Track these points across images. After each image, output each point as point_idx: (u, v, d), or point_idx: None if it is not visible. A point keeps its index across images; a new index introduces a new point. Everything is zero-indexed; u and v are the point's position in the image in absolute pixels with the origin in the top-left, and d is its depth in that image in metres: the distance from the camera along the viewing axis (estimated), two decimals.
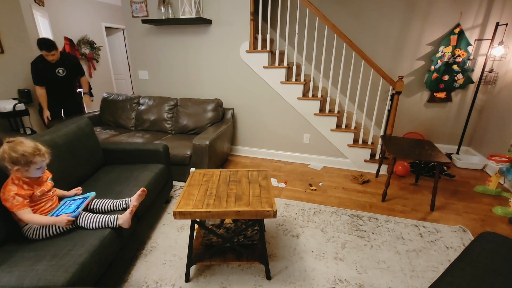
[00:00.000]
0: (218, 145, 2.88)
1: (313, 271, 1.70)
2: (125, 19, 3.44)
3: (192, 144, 2.61)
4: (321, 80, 2.96)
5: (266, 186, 1.68)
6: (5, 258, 1.21)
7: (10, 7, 3.25)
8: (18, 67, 3.39)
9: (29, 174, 1.34)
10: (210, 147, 2.62)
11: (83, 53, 5.49)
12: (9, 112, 3.08)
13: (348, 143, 3.12)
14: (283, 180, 2.93)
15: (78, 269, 1.17)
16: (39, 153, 1.35)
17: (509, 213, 2.32)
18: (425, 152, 2.33)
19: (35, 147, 1.34)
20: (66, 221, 1.36)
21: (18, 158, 1.28)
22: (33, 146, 1.34)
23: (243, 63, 3.19)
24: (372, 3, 3.37)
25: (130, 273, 1.68)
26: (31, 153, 1.31)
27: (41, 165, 1.37)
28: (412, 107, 3.68)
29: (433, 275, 1.69)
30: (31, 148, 1.32)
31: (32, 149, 1.32)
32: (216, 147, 2.82)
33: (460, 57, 3.20)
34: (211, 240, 1.67)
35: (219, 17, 3.09)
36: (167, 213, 2.31)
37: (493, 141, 3.18)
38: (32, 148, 1.32)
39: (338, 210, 2.36)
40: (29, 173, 1.34)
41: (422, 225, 2.17)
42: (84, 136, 2.01)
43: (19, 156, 1.28)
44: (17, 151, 1.29)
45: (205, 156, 2.60)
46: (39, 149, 1.35)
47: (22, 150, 1.29)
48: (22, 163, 1.29)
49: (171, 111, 3.28)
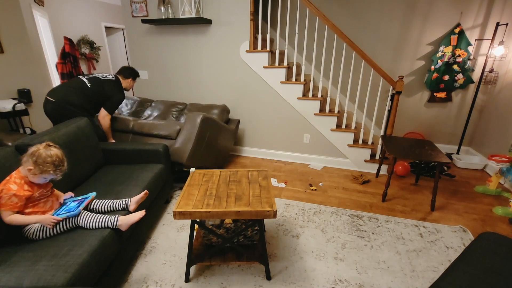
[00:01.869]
0: (214, 135, 2.75)
1: (313, 271, 1.70)
2: (125, 19, 3.44)
3: (186, 115, 2.47)
4: (321, 80, 2.96)
5: (266, 186, 1.68)
6: (5, 258, 1.21)
7: (10, 7, 3.25)
8: (18, 67, 3.39)
9: (34, 180, 1.36)
10: (203, 123, 2.49)
11: (83, 53, 5.48)
12: (8, 112, 3.08)
13: (348, 143, 3.12)
14: (283, 180, 2.92)
15: (78, 269, 1.17)
16: (61, 169, 1.38)
17: (509, 213, 2.31)
18: (425, 152, 2.33)
19: (62, 162, 1.38)
20: (50, 220, 1.34)
21: (44, 162, 1.31)
22: (61, 160, 1.37)
23: (243, 63, 3.19)
24: (372, 3, 3.36)
25: (130, 273, 1.67)
26: (55, 165, 1.35)
27: (51, 178, 1.39)
28: (412, 107, 3.68)
29: (433, 275, 1.69)
30: (59, 160, 1.36)
31: (59, 162, 1.36)
32: (212, 136, 2.69)
33: (461, 57, 3.20)
34: (211, 240, 1.67)
35: (219, 17, 3.08)
36: (167, 213, 2.30)
37: (493, 141, 3.18)
38: (59, 161, 1.36)
39: (338, 210, 2.36)
40: (35, 178, 1.35)
41: (423, 225, 2.17)
42: (84, 136, 2.01)
43: (46, 161, 1.31)
44: (48, 156, 1.32)
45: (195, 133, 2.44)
46: (63, 165, 1.39)
47: (52, 158, 1.33)
48: (41, 168, 1.31)
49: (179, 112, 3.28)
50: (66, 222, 1.39)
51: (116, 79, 2.58)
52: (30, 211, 1.36)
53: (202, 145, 2.60)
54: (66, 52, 4.91)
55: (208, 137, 2.66)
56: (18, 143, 1.61)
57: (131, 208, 1.61)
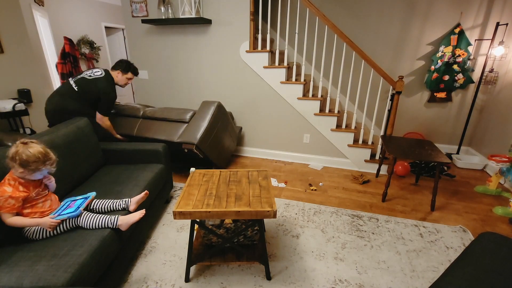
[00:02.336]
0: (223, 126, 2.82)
1: (313, 271, 1.70)
2: (125, 19, 3.44)
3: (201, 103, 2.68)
4: (321, 80, 2.96)
5: (266, 186, 1.68)
6: (5, 258, 1.21)
7: (10, 7, 3.25)
8: (18, 67, 3.40)
9: (30, 178, 1.34)
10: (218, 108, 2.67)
11: (83, 53, 5.48)
12: (8, 112, 3.08)
13: (348, 143, 3.12)
14: (283, 180, 2.92)
15: (78, 269, 1.17)
16: (50, 162, 1.36)
17: (509, 213, 2.31)
18: (425, 152, 2.33)
19: (46, 155, 1.34)
20: (49, 223, 1.33)
21: (29, 163, 1.28)
22: (44, 154, 1.33)
23: (243, 63, 3.19)
24: (372, 3, 3.36)
25: (130, 273, 1.67)
26: (42, 161, 1.32)
27: (46, 172, 1.38)
28: (412, 107, 3.68)
29: (433, 275, 1.69)
30: (42, 155, 1.32)
31: (43, 157, 1.32)
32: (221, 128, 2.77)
33: (461, 57, 3.20)
34: (211, 240, 1.67)
35: (219, 17, 3.08)
36: (167, 213, 2.30)
37: (493, 141, 3.18)
38: (44, 156, 1.33)
39: (338, 210, 2.36)
40: (31, 177, 1.34)
41: (423, 225, 2.17)
42: (83, 136, 2.01)
43: (30, 162, 1.28)
44: (29, 156, 1.28)
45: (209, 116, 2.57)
46: (50, 158, 1.36)
47: (34, 156, 1.29)
48: (31, 168, 1.29)
49: None
50: (66, 222, 1.39)
51: (104, 74, 2.38)
52: (29, 212, 1.35)
53: (213, 133, 2.64)
54: (66, 52, 4.91)
55: (218, 127, 2.71)
56: None
57: (131, 208, 1.62)
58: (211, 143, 2.67)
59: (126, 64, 2.47)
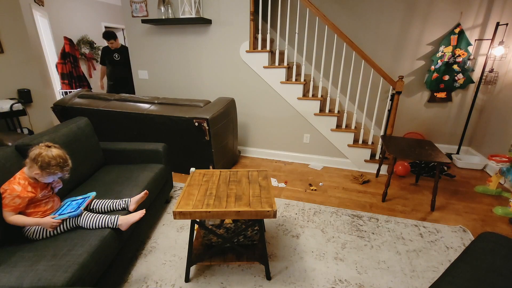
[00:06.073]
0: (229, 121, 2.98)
1: (313, 271, 1.70)
2: (125, 19, 3.44)
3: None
4: (321, 80, 2.96)
5: (266, 186, 1.68)
6: (5, 258, 1.21)
7: (10, 7, 3.25)
8: (18, 67, 3.40)
9: (43, 180, 1.36)
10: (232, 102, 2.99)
11: (83, 53, 5.49)
12: (6, 112, 3.07)
13: (348, 143, 3.12)
14: (283, 180, 2.92)
15: (78, 269, 1.17)
16: (67, 168, 1.39)
17: (509, 213, 2.32)
18: (425, 152, 2.33)
19: (66, 161, 1.38)
20: (51, 223, 1.34)
21: (50, 166, 1.31)
22: (65, 159, 1.38)
23: (243, 63, 3.19)
24: (372, 3, 3.36)
25: (130, 273, 1.67)
26: (61, 166, 1.35)
27: (59, 177, 1.40)
28: (412, 107, 3.68)
29: (433, 275, 1.69)
30: (63, 160, 1.36)
31: (64, 162, 1.37)
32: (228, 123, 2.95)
33: (461, 57, 3.20)
34: (211, 240, 1.67)
35: (219, 17, 3.08)
36: (167, 213, 2.30)
37: (493, 141, 3.18)
38: (64, 161, 1.37)
39: (338, 210, 2.36)
40: (44, 179, 1.36)
41: (423, 225, 2.17)
42: (83, 136, 2.01)
43: (51, 165, 1.32)
44: (51, 160, 1.32)
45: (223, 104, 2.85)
46: (68, 164, 1.40)
47: (56, 161, 1.33)
48: (49, 171, 1.32)
49: None
50: (66, 222, 1.39)
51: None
52: (31, 211, 1.36)
53: (222, 121, 2.81)
54: (66, 52, 4.91)
55: (227, 120, 2.89)
56: (18, 143, 1.61)
57: (131, 208, 1.62)
58: (219, 133, 2.77)
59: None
